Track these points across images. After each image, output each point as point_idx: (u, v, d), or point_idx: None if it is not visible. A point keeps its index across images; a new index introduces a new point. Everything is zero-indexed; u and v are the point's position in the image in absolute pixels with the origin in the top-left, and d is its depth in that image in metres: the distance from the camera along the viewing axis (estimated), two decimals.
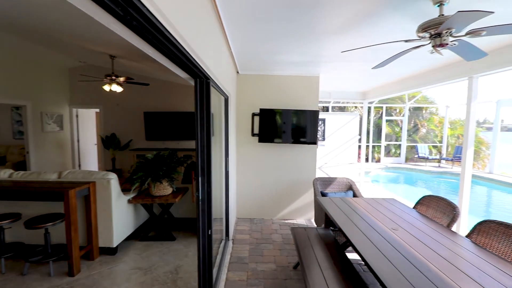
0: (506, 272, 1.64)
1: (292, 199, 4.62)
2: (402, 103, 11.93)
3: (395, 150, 12.21)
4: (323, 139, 11.06)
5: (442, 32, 1.68)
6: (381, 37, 2.56)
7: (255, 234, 3.98)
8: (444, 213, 2.63)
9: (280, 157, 4.53)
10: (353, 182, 3.97)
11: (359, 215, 2.67)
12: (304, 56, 3.36)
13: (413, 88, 4.50)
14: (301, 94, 4.43)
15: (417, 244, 2.02)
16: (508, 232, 1.99)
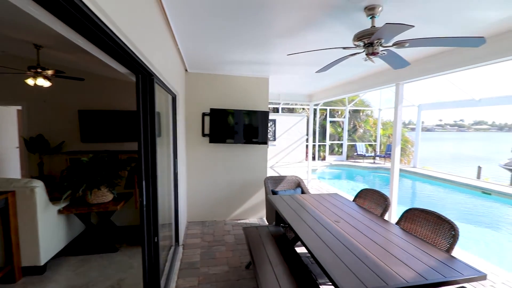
0: (427, 252, 1.90)
1: (244, 199, 4.64)
2: (343, 106, 13.04)
3: (338, 148, 13.28)
4: (274, 139, 11.41)
5: (374, 42, 1.87)
6: (324, 43, 2.74)
7: (207, 237, 3.89)
8: (378, 204, 2.95)
9: (232, 157, 4.52)
10: (301, 179, 4.18)
11: (306, 210, 2.81)
12: (253, 57, 3.41)
13: (352, 92, 4.95)
14: (252, 95, 4.49)
15: (356, 234, 2.21)
16: (428, 217, 2.32)
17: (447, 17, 2.12)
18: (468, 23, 2.23)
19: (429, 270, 1.66)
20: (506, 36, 2.38)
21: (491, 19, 2.13)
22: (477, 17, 2.11)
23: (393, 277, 1.57)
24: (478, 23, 2.22)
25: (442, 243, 2.10)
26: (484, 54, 2.57)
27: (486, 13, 2.03)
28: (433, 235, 2.21)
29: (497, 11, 2.00)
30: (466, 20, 2.16)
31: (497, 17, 2.08)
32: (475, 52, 2.67)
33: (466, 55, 2.77)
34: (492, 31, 2.37)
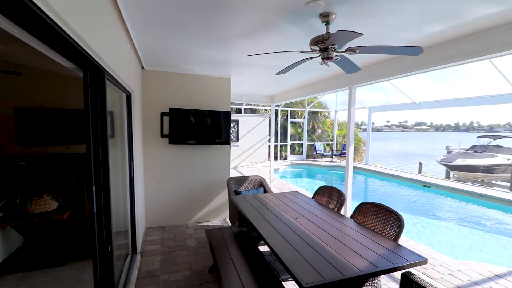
0: (378, 242, 2.07)
1: (207, 201, 4.55)
2: (303, 107, 13.59)
3: (299, 148, 13.79)
4: (237, 139, 11.41)
5: (328, 47, 1.98)
6: (283, 46, 2.82)
7: (168, 243, 3.73)
8: (335, 200, 3.13)
9: (193, 158, 4.40)
10: (264, 179, 4.24)
11: (268, 209, 2.86)
12: (214, 57, 3.36)
13: (310, 94, 5.18)
14: (214, 94, 4.43)
15: (315, 229, 2.32)
16: (377, 210, 2.53)
17: (390, 30, 2.34)
18: (409, 35, 2.49)
19: (379, 259, 1.81)
20: (440, 47, 2.71)
21: (428, 32, 2.40)
22: (414, 34, 2.37)
23: (349, 268, 1.68)
24: (417, 35, 2.49)
25: (390, 233, 2.30)
26: (424, 62, 2.89)
27: (424, 28, 2.29)
28: (383, 225, 2.41)
29: (437, 27, 2.27)
30: (408, 33, 2.41)
31: (433, 29, 2.36)
32: (416, 60, 2.98)
33: (408, 62, 3.09)
34: (429, 43, 2.68)
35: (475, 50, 2.43)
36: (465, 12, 2.01)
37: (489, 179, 12.40)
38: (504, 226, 5.48)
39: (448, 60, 2.64)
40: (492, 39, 2.29)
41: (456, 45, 2.56)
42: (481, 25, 2.24)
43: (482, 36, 2.34)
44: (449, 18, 2.12)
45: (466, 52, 2.50)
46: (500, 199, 6.28)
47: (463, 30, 2.36)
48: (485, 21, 2.15)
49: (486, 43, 2.35)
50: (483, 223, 5.68)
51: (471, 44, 2.46)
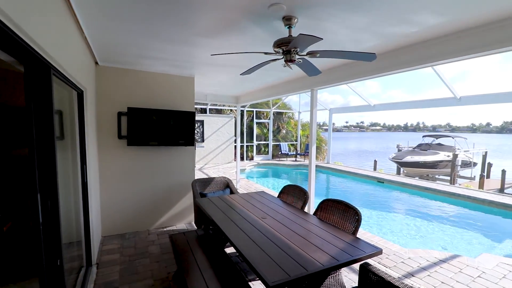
0: (338, 237, 2.18)
1: (171, 205, 4.38)
2: (268, 108, 13.81)
3: (264, 148, 13.98)
4: (202, 140, 11.18)
5: (291, 50, 2.03)
6: (247, 47, 2.83)
7: (128, 251, 3.50)
8: (299, 198, 3.23)
9: (155, 160, 4.19)
10: (230, 180, 4.21)
11: (234, 210, 2.84)
12: (177, 55, 3.25)
13: (274, 96, 5.28)
14: (176, 94, 4.27)
15: (281, 227, 2.36)
16: (338, 206, 2.66)
17: (347, 37, 2.48)
18: (363, 44, 2.67)
19: (340, 252, 1.90)
20: (389, 54, 2.95)
21: (383, 39, 2.60)
22: (369, 41, 2.55)
23: (312, 263, 1.74)
24: (369, 43, 2.69)
25: (350, 227, 2.44)
26: (380, 67, 3.11)
27: (379, 35, 2.48)
28: (343, 220, 2.55)
29: (377, 40, 2.47)
30: (361, 43, 2.59)
31: (388, 37, 2.57)
32: (371, 65, 3.20)
33: (365, 67, 3.31)
34: (386, 48, 2.91)
35: (422, 57, 2.69)
36: (414, 21, 2.22)
37: (433, 174, 13.88)
38: (446, 215, 6.17)
39: (400, 66, 2.88)
40: (439, 47, 2.55)
41: (408, 52, 2.81)
42: (431, 34, 2.49)
43: (431, 44, 2.60)
44: (402, 24, 2.32)
45: (415, 59, 2.76)
46: (442, 192, 7.07)
47: (414, 38, 2.60)
48: (434, 30, 2.39)
49: (434, 50, 2.61)
50: (429, 213, 6.33)
51: (420, 52, 2.72)
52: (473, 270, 3.02)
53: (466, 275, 2.92)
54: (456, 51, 2.41)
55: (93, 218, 3.15)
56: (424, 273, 2.99)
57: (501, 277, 2.88)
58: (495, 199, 6.06)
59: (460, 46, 2.38)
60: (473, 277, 2.88)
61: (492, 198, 6.16)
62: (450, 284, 2.75)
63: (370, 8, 1.91)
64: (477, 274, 2.94)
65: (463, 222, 5.66)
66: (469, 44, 2.32)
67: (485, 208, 6.01)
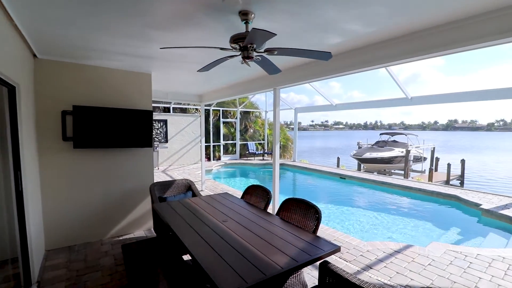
0: (299, 236, 2.16)
1: (127, 211, 4.06)
2: (235, 107, 13.69)
3: (232, 148, 13.84)
4: (165, 141, 10.70)
5: (248, 46, 1.96)
6: (204, 42, 2.70)
7: (76, 265, 3.16)
8: (262, 198, 3.18)
9: (108, 164, 3.85)
10: (192, 182, 4.03)
11: (194, 214, 2.70)
12: (130, 48, 3.00)
13: (238, 94, 5.19)
14: (132, 91, 3.97)
15: (241, 230, 2.28)
16: (299, 205, 2.66)
17: (308, 34, 2.49)
18: (320, 42, 2.71)
19: (300, 253, 1.88)
20: (350, 54, 3.03)
21: (338, 39, 2.65)
22: (328, 39, 2.59)
23: (271, 267, 1.68)
24: (328, 41, 2.73)
25: (310, 225, 2.45)
26: (341, 66, 3.16)
27: (332, 39, 2.52)
28: (304, 219, 2.55)
29: (337, 39, 2.52)
30: (319, 39, 2.61)
31: (339, 38, 2.62)
32: (331, 64, 3.26)
33: (325, 67, 3.35)
34: (343, 49, 2.97)
35: (378, 57, 2.79)
36: (372, 20, 2.28)
37: (389, 169, 14.93)
38: (401, 207, 6.63)
39: (359, 66, 2.95)
40: (395, 47, 2.66)
41: (366, 52, 2.90)
42: (387, 35, 2.59)
43: (387, 45, 2.70)
44: (360, 23, 2.37)
45: (368, 60, 2.86)
46: (397, 185, 7.59)
47: (365, 40, 2.69)
48: (391, 31, 2.48)
49: (383, 52, 2.72)
50: (386, 206, 6.75)
51: (376, 52, 2.82)
52: (424, 259, 3.24)
53: (418, 264, 3.12)
54: (407, 53, 2.54)
55: (31, 231, 2.77)
56: (381, 264, 3.13)
57: (448, 264, 3.13)
58: (442, 190, 6.66)
59: (412, 47, 2.51)
60: (424, 266, 3.08)
61: (439, 189, 6.76)
62: (404, 274, 2.91)
63: (330, 3, 1.90)
64: (427, 263, 3.15)
65: (416, 213, 6.13)
66: (417, 47, 2.46)
67: (433, 199, 6.57)
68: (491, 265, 3.08)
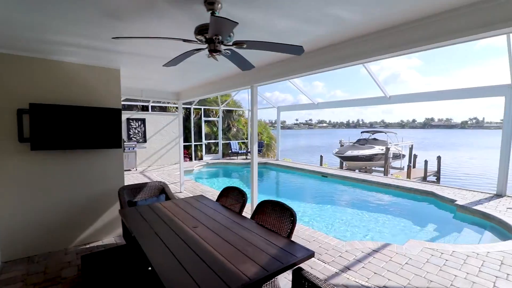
0: (272, 242, 2.04)
1: (95, 217, 3.79)
2: (217, 106, 13.44)
3: (215, 147, 13.60)
4: (144, 140, 10.30)
5: (214, 38, 1.80)
6: (169, 33, 2.50)
7: (34, 278, 2.88)
8: (237, 200, 3.04)
9: (72, 167, 3.56)
10: (166, 184, 3.82)
11: (163, 220, 2.51)
12: (93, 41, 2.75)
13: (215, 92, 5.01)
14: (98, 88, 3.70)
15: (212, 237, 2.13)
16: (274, 207, 2.54)
17: (279, 26, 2.36)
18: (295, 35, 2.59)
19: (271, 260, 1.75)
20: (325, 51, 2.94)
21: (311, 34, 2.55)
22: (303, 33, 2.48)
23: (238, 278, 1.55)
24: (303, 37, 2.62)
25: (285, 229, 2.33)
26: (319, 62, 3.05)
27: (310, 28, 2.41)
28: (279, 223, 2.43)
29: (314, 34, 2.41)
30: (294, 33, 2.49)
31: (314, 32, 2.51)
32: (309, 60, 3.16)
33: (303, 63, 3.24)
34: (317, 45, 2.87)
35: (354, 53, 2.71)
36: (344, 18, 2.18)
37: (370, 166, 15.24)
38: (380, 205, 6.71)
39: (337, 62, 2.86)
40: (371, 44, 2.59)
41: (338, 49, 2.81)
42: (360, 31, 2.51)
43: (362, 41, 2.62)
44: (329, 22, 2.27)
45: (347, 55, 2.77)
46: (376, 183, 7.70)
47: (343, 35, 2.60)
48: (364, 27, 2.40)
49: (362, 47, 2.64)
50: (366, 204, 6.81)
51: (351, 49, 2.73)
52: (401, 258, 3.22)
53: (396, 263, 3.10)
54: (384, 48, 2.47)
55: None
56: (359, 265, 3.08)
57: (424, 262, 3.13)
58: (419, 187, 6.81)
59: (390, 42, 2.45)
60: (401, 265, 3.06)
61: (417, 186, 6.91)
62: (381, 274, 2.87)
63: None
64: (404, 261, 3.14)
65: (394, 210, 6.21)
66: (395, 42, 2.39)
67: (411, 195, 6.70)
68: (466, 262, 3.11)
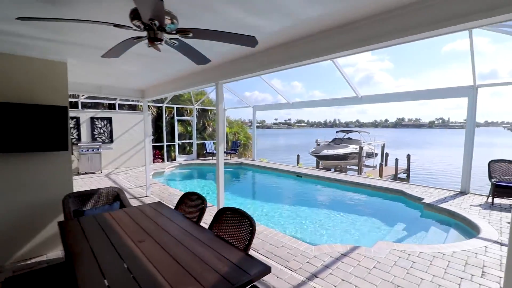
0: (226, 257, 1.81)
1: (38, 229, 3.34)
2: (191, 104, 12.98)
3: (189, 148, 13.13)
4: (110, 141, 9.66)
5: (151, 24, 1.54)
6: (108, 19, 2.18)
7: None
8: (196, 207, 2.78)
9: (10, 173, 3.10)
10: (121, 190, 3.46)
11: (105, 233, 2.20)
12: (28, 29, 2.35)
13: (180, 89, 4.68)
14: (40, 83, 3.25)
15: (157, 254, 1.86)
16: (234, 215, 2.33)
17: (234, 16, 2.14)
18: (255, 26, 2.39)
19: (220, 282, 1.53)
20: (292, 44, 2.76)
21: (267, 29, 2.35)
22: (265, 26, 2.27)
23: None
24: (267, 29, 2.42)
25: (243, 240, 2.12)
26: (292, 56, 2.85)
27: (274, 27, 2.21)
28: (238, 232, 2.22)
29: (278, 25, 2.22)
30: (252, 23, 2.29)
31: (270, 28, 2.32)
32: (278, 56, 2.95)
33: (273, 57, 3.02)
34: (283, 40, 2.69)
35: (320, 49, 2.55)
36: (298, 12, 2.00)
37: (345, 165, 15.54)
38: (352, 205, 6.73)
39: (308, 56, 2.68)
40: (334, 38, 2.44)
41: (300, 45, 2.65)
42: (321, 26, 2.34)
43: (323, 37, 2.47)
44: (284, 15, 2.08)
45: (313, 50, 2.61)
46: (349, 182, 7.75)
47: (299, 31, 2.43)
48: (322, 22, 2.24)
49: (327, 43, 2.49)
50: (338, 204, 6.80)
51: (316, 44, 2.57)
52: (369, 261, 3.14)
53: (363, 268, 3.00)
54: (349, 44, 2.34)
55: None
56: (327, 271, 2.95)
57: (392, 265, 3.06)
58: (389, 186, 6.93)
59: (352, 38, 2.31)
60: (369, 269, 2.97)
61: (387, 185, 7.02)
62: (349, 281, 2.75)
63: None
64: (372, 265, 3.05)
65: (365, 210, 6.25)
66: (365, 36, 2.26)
67: (382, 194, 6.79)
68: (432, 264, 3.09)
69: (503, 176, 5.44)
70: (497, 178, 5.44)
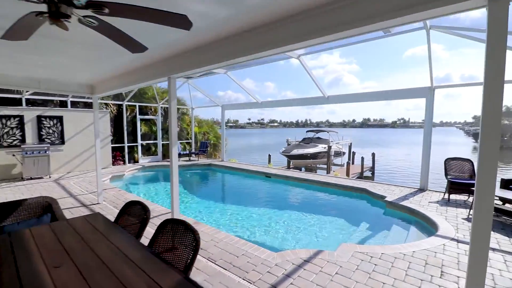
0: (160, 284, 1.50)
1: None
2: (156, 103, 12.26)
3: (154, 148, 12.39)
4: (61, 142, 8.73)
5: None
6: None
7: None
8: (138, 218, 2.42)
9: None
10: (54, 200, 2.97)
11: (15, 258, 1.77)
12: None
13: (132, 84, 4.21)
14: None
15: (71, 284, 1.50)
16: (177, 228, 2.01)
17: None
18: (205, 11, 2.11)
19: None
20: (248, 35, 2.51)
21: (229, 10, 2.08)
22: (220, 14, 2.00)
23: None
24: (219, 15, 2.14)
25: (185, 259, 1.82)
26: (250, 47, 2.58)
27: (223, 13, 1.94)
28: (182, 246, 1.92)
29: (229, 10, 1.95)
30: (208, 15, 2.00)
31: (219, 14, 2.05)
32: (233, 47, 2.68)
33: (226, 50, 2.73)
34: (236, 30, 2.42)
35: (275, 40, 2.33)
36: None
37: (315, 164, 15.78)
38: (319, 205, 6.69)
39: (251, 51, 2.47)
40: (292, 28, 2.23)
41: (252, 36, 2.41)
42: None
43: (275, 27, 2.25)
44: None
45: (266, 42, 2.39)
46: (317, 182, 7.74)
47: (248, 20, 2.19)
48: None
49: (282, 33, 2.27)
50: (305, 206, 6.72)
51: (270, 34, 2.35)
52: (332, 267, 3.00)
53: (326, 274, 2.85)
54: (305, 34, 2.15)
55: None
56: (288, 281, 2.75)
57: (354, 270, 2.95)
58: (354, 184, 7.01)
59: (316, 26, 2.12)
60: (331, 276, 2.83)
61: (352, 184, 7.11)
62: None
63: None
64: (335, 271, 2.92)
65: (331, 210, 6.23)
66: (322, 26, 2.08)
67: (348, 193, 6.85)
68: (393, 265, 3.03)
69: (458, 173, 5.71)
70: (452, 175, 5.70)
